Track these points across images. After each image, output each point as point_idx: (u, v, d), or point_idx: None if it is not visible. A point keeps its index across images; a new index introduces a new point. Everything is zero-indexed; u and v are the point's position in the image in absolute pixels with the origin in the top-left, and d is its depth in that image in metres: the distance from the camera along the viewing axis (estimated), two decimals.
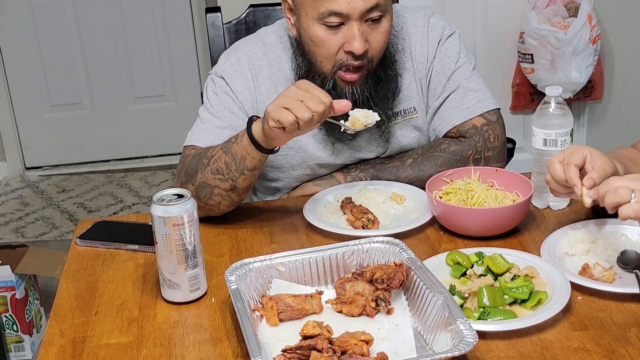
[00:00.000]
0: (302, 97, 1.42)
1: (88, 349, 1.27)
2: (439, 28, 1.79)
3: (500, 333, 1.22)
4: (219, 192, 1.59)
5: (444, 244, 1.52)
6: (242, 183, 1.58)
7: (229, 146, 1.57)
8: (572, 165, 1.37)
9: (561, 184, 1.40)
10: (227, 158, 1.56)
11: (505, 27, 3.36)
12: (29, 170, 4.32)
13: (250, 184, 1.60)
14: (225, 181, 1.58)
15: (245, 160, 1.54)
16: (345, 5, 1.56)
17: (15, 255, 2.69)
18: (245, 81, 1.75)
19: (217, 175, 1.58)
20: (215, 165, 1.58)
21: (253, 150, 1.52)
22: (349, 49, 1.60)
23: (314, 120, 1.42)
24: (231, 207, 1.64)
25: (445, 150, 1.74)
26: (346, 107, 1.47)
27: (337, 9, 1.57)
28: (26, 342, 2.70)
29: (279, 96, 1.45)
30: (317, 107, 1.41)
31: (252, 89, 1.74)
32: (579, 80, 3.20)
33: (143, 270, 1.50)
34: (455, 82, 1.77)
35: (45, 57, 4.17)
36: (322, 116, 1.43)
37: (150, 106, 4.33)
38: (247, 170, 1.56)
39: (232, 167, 1.56)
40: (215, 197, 1.60)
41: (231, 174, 1.57)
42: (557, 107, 1.57)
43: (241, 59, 1.76)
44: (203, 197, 1.60)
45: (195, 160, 1.63)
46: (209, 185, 1.59)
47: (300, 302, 1.28)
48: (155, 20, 4.18)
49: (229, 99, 1.74)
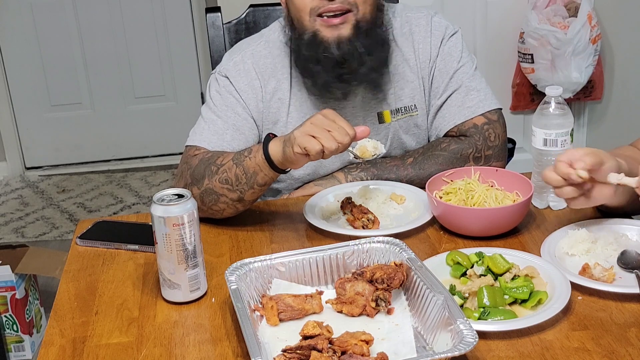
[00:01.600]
0: (329, 127, 1.42)
1: (88, 349, 1.27)
2: (442, 27, 1.79)
3: (501, 333, 1.22)
4: (225, 201, 1.59)
5: (444, 244, 1.52)
6: (250, 196, 1.58)
7: (241, 159, 1.56)
8: (559, 162, 1.38)
9: (561, 184, 1.39)
10: (238, 171, 1.56)
11: (505, 27, 3.37)
12: (29, 170, 4.32)
13: (257, 198, 1.60)
14: (234, 192, 1.57)
15: (257, 175, 1.54)
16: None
17: (15, 255, 2.69)
18: (250, 81, 1.74)
19: (225, 185, 1.57)
20: (224, 175, 1.57)
21: (266, 168, 1.52)
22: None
23: (339, 150, 1.43)
24: (234, 214, 1.64)
25: (445, 149, 1.74)
26: (365, 132, 1.46)
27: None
28: (26, 342, 2.70)
29: (305, 123, 1.45)
30: (344, 138, 1.42)
31: (257, 89, 1.74)
32: (579, 80, 3.20)
33: (143, 270, 1.50)
34: (457, 81, 1.77)
35: (45, 57, 4.17)
36: (345, 147, 1.44)
37: (150, 106, 4.33)
38: (257, 186, 1.56)
39: (242, 180, 1.56)
40: (220, 205, 1.60)
41: (240, 187, 1.56)
42: (557, 107, 1.57)
43: (245, 59, 1.76)
44: (208, 202, 1.60)
45: (203, 165, 1.62)
46: (216, 193, 1.59)
47: (300, 302, 1.28)
48: (155, 20, 4.18)
49: (232, 99, 1.73)
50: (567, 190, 1.39)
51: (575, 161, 1.36)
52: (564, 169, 1.37)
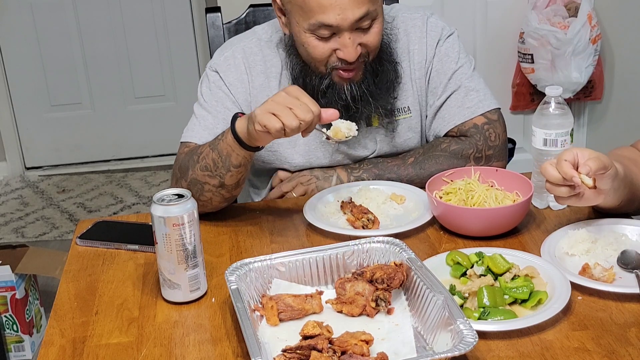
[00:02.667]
0: (291, 104, 1.41)
1: (88, 349, 1.27)
2: (438, 28, 1.79)
3: (501, 333, 1.22)
4: (209, 189, 1.60)
5: (444, 244, 1.52)
6: (230, 180, 1.58)
7: (216, 143, 1.57)
8: (563, 160, 1.35)
9: (559, 183, 1.38)
10: (214, 155, 1.56)
11: (505, 27, 3.37)
12: (29, 170, 4.32)
13: (238, 181, 1.59)
14: (214, 177, 1.58)
15: (231, 157, 1.54)
16: (335, 17, 1.55)
17: (15, 255, 2.69)
18: (239, 75, 1.75)
19: (206, 172, 1.58)
20: (204, 162, 1.58)
21: (237, 148, 1.52)
22: (341, 56, 1.61)
23: (301, 128, 1.41)
24: (224, 203, 1.64)
25: (446, 150, 1.74)
26: (333, 116, 1.46)
27: (327, 21, 1.56)
28: (26, 342, 2.70)
29: (267, 101, 1.44)
30: (305, 115, 1.40)
31: (246, 83, 1.75)
32: (579, 80, 3.20)
33: (143, 270, 1.50)
34: (456, 82, 1.77)
35: (45, 57, 4.17)
36: (310, 125, 1.42)
37: (150, 106, 4.33)
38: (233, 167, 1.56)
39: (219, 164, 1.56)
40: (206, 194, 1.61)
41: (218, 171, 1.57)
42: (557, 107, 1.57)
43: (236, 53, 1.76)
44: (195, 193, 1.60)
45: (188, 157, 1.64)
46: (200, 182, 1.60)
47: (300, 302, 1.28)
48: (155, 20, 4.18)
49: (221, 94, 1.74)
50: (562, 190, 1.38)
51: (580, 165, 1.35)
52: (568, 170, 1.34)
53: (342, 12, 1.55)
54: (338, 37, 1.59)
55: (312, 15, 1.57)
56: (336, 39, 1.60)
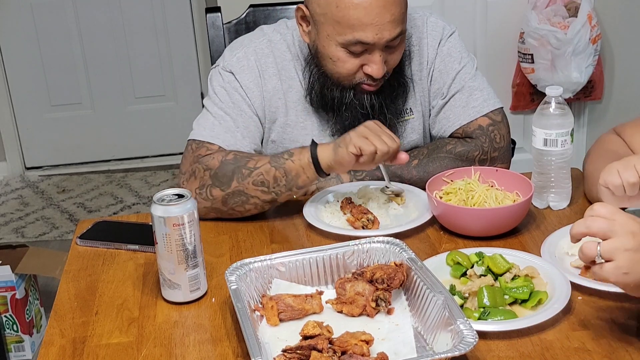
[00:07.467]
0: (379, 133, 1.52)
1: (88, 349, 1.27)
2: (439, 28, 1.78)
3: (501, 333, 1.22)
4: (255, 202, 1.61)
5: (444, 244, 1.52)
6: (284, 198, 1.61)
7: (281, 162, 1.58)
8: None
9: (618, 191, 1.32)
10: (278, 173, 1.58)
11: (505, 27, 3.36)
12: (29, 170, 4.32)
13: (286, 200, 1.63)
14: (268, 194, 1.59)
15: (299, 178, 1.57)
16: (373, 37, 1.58)
17: (15, 255, 2.69)
18: (254, 78, 1.74)
19: (260, 187, 1.59)
20: (260, 178, 1.59)
21: (311, 171, 1.56)
22: (368, 72, 1.63)
23: (389, 153, 1.51)
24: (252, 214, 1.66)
25: (451, 151, 1.73)
26: (404, 160, 1.56)
27: (364, 39, 1.58)
28: (26, 342, 2.70)
29: (358, 127, 1.53)
30: (392, 143, 1.51)
31: (260, 86, 1.74)
32: (579, 80, 3.20)
33: (143, 270, 1.50)
34: (460, 81, 1.77)
35: (45, 57, 4.16)
36: (391, 156, 1.53)
37: (150, 106, 4.33)
38: (296, 188, 1.59)
39: (281, 182, 1.58)
40: (247, 206, 1.61)
41: (278, 188, 1.59)
42: (558, 107, 1.57)
43: (249, 55, 1.75)
44: (232, 203, 1.60)
45: (230, 167, 1.61)
46: (247, 195, 1.60)
47: (300, 302, 1.28)
48: (155, 20, 4.18)
49: (238, 96, 1.72)
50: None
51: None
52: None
53: (379, 32, 1.57)
54: (368, 53, 1.61)
55: (349, 32, 1.58)
56: (366, 55, 1.61)
